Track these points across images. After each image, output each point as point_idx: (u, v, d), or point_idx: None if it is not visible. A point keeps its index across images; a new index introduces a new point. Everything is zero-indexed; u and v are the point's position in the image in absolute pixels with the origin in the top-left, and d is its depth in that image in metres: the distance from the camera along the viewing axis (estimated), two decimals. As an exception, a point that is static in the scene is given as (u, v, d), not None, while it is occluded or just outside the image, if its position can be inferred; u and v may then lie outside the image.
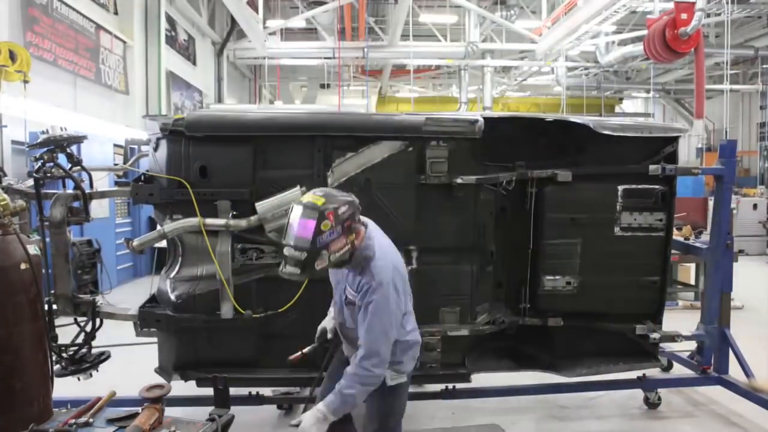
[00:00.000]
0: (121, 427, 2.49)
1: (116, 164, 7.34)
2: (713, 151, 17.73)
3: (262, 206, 3.44)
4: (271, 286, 3.61)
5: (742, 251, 11.26)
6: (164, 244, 3.73)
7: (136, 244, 3.50)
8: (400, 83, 21.00)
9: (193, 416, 2.73)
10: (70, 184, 3.51)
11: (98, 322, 3.58)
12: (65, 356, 3.43)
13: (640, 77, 21.56)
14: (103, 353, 3.58)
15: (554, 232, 3.80)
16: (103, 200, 7.69)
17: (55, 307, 3.41)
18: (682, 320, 4.70)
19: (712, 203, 5.17)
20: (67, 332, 3.49)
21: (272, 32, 15.02)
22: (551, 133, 3.89)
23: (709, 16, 12.98)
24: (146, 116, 3.85)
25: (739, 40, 16.53)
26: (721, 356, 4.26)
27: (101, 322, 3.61)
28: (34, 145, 3.46)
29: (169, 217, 3.56)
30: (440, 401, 3.91)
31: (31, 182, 3.38)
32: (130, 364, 4.52)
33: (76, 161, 3.56)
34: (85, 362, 3.47)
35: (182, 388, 3.71)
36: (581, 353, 3.98)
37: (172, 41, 13.28)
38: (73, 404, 2.81)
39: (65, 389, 3.43)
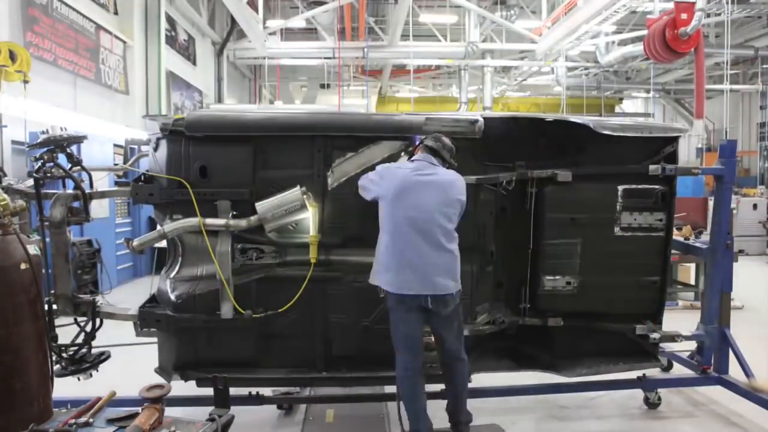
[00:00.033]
0: (121, 427, 2.50)
1: (116, 164, 7.34)
2: (713, 151, 17.74)
3: (262, 206, 3.44)
4: (271, 286, 3.61)
5: (742, 251, 11.27)
6: (164, 244, 3.73)
7: (136, 244, 3.51)
8: (400, 83, 21.00)
9: (193, 416, 2.73)
10: (70, 184, 3.51)
11: (98, 322, 3.58)
12: (65, 356, 3.43)
13: (640, 77, 21.56)
14: (103, 353, 3.58)
15: (554, 232, 3.80)
16: (103, 200, 7.69)
17: (55, 307, 3.42)
18: (682, 320, 4.69)
19: (712, 203, 5.17)
20: (67, 332, 3.49)
21: (272, 32, 15.02)
22: (551, 133, 3.88)
23: (709, 16, 12.99)
24: (146, 116, 3.85)
25: (739, 40, 16.54)
26: (721, 356, 4.26)
27: (101, 322, 3.61)
28: (34, 145, 3.47)
29: (169, 217, 3.56)
30: (440, 401, 3.90)
31: (31, 182, 3.38)
32: (130, 364, 4.52)
33: (76, 161, 3.56)
34: (85, 362, 3.47)
35: (182, 388, 3.71)
36: (581, 353, 3.98)
37: (172, 41, 13.28)
38: (73, 404, 2.82)
39: (65, 389, 3.43)
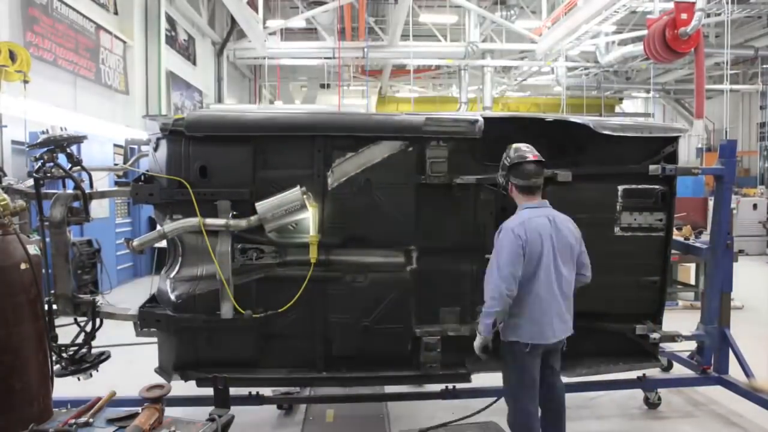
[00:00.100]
0: (121, 427, 2.49)
1: (116, 164, 7.34)
2: (713, 151, 17.74)
3: (262, 206, 3.43)
4: (271, 286, 3.61)
5: (742, 251, 11.27)
6: (164, 244, 3.73)
7: (136, 244, 3.50)
8: (400, 83, 21.00)
9: (193, 416, 2.73)
10: (70, 184, 3.51)
11: (98, 322, 3.58)
12: (65, 356, 3.43)
13: (640, 77, 21.57)
14: (103, 353, 3.58)
15: (554, 232, 3.79)
16: (103, 200, 7.69)
17: (55, 307, 3.42)
18: (682, 320, 4.70)
19: (712, 203, 5.17)
20: (67, 332, 3.49)
21: (272, 32, 15.02)
22: (551, 133, 3.88)
23: (709, 16, 12.99)
24: (146, 116, 3.85)
25: (739, 40, 16.54)
26: (721, 356, 4.26)
27: (101, 322, 3.61)
28: (34, 145, 3.47)
29: (169, 217, 3.56)
30: (440, 401, 3.90)
31: (31, 182, 3.38)
32: (130, 364, 4.52)
33: (76, 161, 3.56)
34: (85, 362, 3.47)
35: (182, 388, 3.71)
36: (581, 353, 3.97)
37: (172, 41, 13.28)
38: (73, 404, 2.82)
39: (65, 389, 3.43)
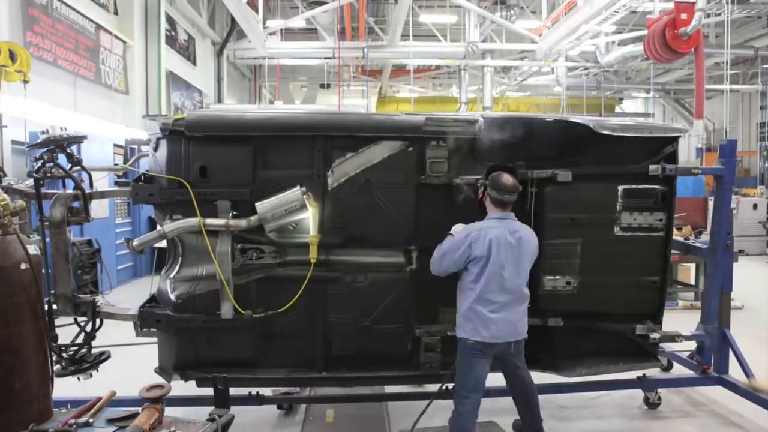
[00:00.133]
0: (121, 427, 2.50)
1: (116, 164, 7.34)
2: (713, 151, 17.72)
3: (262, 206, 3.43)
4: (271, 286, 3.61)
5: (742, 251, 11.28)
6: (164, 244, 3.73)
7: (136, 244, 3.51)
8: (400, 83, 21.00)
9: (193, 416, 2.73)
10: (70, 184, 3.52)
11: (98, 322, 3.58)
12: (65, 356, 3.43)
13: (640, 77, 21.57)
14: (103, 353, 3.58)
15: (554, 232, 3.79)
16: (103, 200, 7.69)
17: (55, 307, 3.42)
18: (682, 320, 4.70)
19: (712, 203, 5.17)
20: (67, 332, 3.49)
21: (272, 32, 15.01)
22: (551, 133, 3.88)
23: (709, 16, 12.98)
24: (146, 116, 3.85)
25: (739, 40, 16.54)
26: (721, 356, 4.26)
27: (101, 322, 3.61)
28: (34, 145, 3.47)
29: (169, 217, 3.56)
30: (440, 401, 3.90)
31: (31, 182, 3.38)
32: (130, 364, 4.53)
33: (76, 161, 3.57)
34: (85, 362, 3.47)
35: (182, 388, 3.71)
36: (581, 353, 3.98)
37: (172, 41, 13.28)
38: (73, 404, 2.82)
39: (65, 389, 3.43)
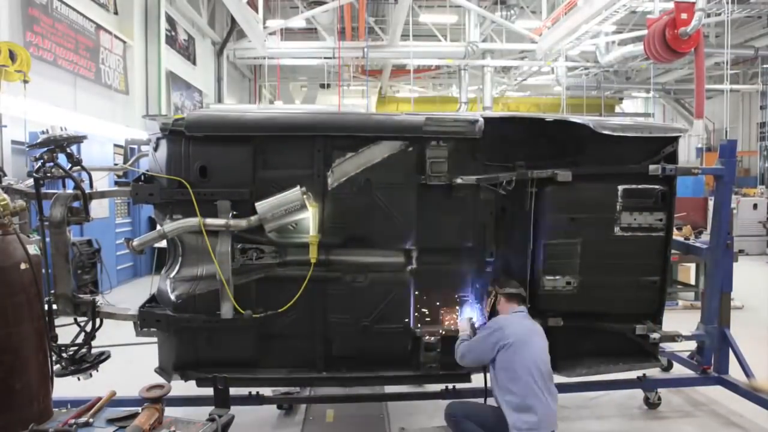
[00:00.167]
0: (121, 427, 2.49)
1: (116, 164, 7.34)
2: (713, 151, 17.73)
3: (262, 206, 3.43)
4: (271, 286, 3.61)
5: (742, 251, 11.27)
6: (164, 244, 3.73)
7: (136, 244, 3.50)
8: (400, 83, 21.00)
9: (193, 416, 2.73)
10: (70, 184, 3.51)
11: (98, 322, 3.58)
12: (65, 356, 3.43)
13: (640, 77, 21.57)
14: (103, 353, 3.58)
15: (554, 232, 3.79)
16: (103, 200, 7.69)
17: (55, 307, 3.41)
18: (682, 320, 4.70)
19: (712, 203, 5.17)
20: (67, 332, 3.49)
21: (272, 32, 15.01)
22: (551, 133, 3.88)
23: (709, 16, 12.98)
24: (146, 116, 3.84)
25: (739, 40, 16.54)
26: (721, 356, 4.26)
27: (101, 322, 3.61)
28: (34, 145, 3.47)
29: (169, 217, 3.56)
30: (440, 401, 3.90)
31: (31, 182, 3.38)
32: (130, 364, 4.53)
33: (76, 161, 3.56)
34: (85, 362, 3.47)
35: (182, 388, 3.71)
36: (581, 353, 3.97)
37: (172, 41, 13.28)
38: (73, 404, 2.82)
39: (65, 389, 3.43)
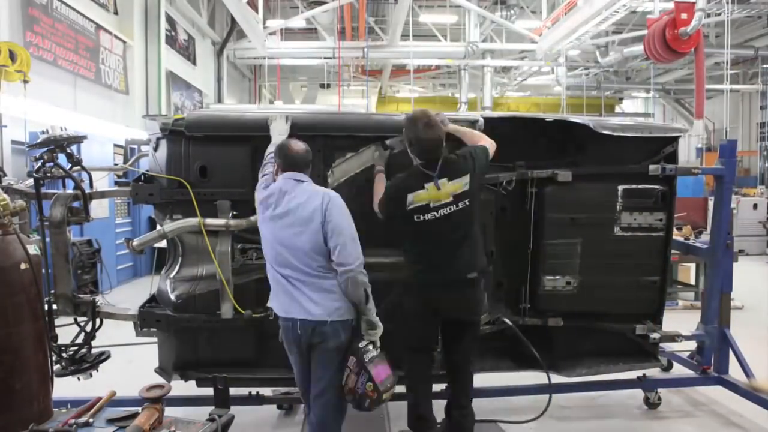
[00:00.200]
0: (121, 427, 2.49)
1: (116, 164, 7.34)
2: (713, 151, 17.74)
3: (262, 206, 3.43)
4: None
5: (742, 251, 11.26)
6: (164, 244, 3.73)
7: (136, 244, 3.50)
8: (400, 83, 20.99)
9: (193, 416, 2.73)
10: (70, 184, 3.51)
11: (98, 322, 3.58)
12: (65, 356, 3.42)
13: (640, 77, 21.57)
14: (103, 353, 3.58)
15: (554, 232, 3.79)
16: (103, 200, 7.69)
17: (55, 307, 3.41)
18: (682, 320, 4.70)
19: (712, 203, 5.17)
20: (67, 332, 3.49)
21: (272, 32, 15.01)
22: (551, 133, 3.88)
23: (709, 16, 12.97)
24: (146, 116, 3.85)
25: (739, 40, 16.54)
26: (721, 356, 4.26)
27: (101, 322, 3.61)
28: (34, 145, 3.46)
29: (169, 217, 3.56)
30: (440, 401, 3.89)
31: (31, 182, 3.38)
32: (130, 364, 4.53)
33: (76, 161, 3.56)
34: (85, 362, 3.47)
35: (182, 388, 3.71)
36: (581, 353, 3.98)
37: (172, 41, 13.28)
38: (73, 404, 2.82)
39: (65, 389, 3.43)
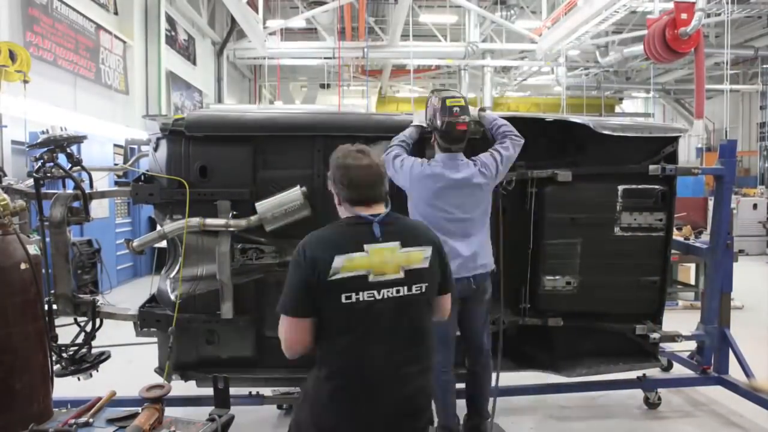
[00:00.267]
0: (121, 427, 2.49)
1: (116, 164, 7.34)
2: (713, 151, 17.73)
3: (262, 206, 3.43)
4: (271, 286, 3.61)
5: (742, 251, 11.26)
6: (164, 244, 3.72)
7: (136, 244, 3.50)
8: (400, 83, 20.99)
9: (193, 416, 2.73)
10: (70, 184, 3.51)
11: (98, 322, 3.58)
12: (65, 356, 3.42)
13: (640, 77, 21.57)
14: (103, 353, 3.58)
15: (554, 232, 3.79)
16: (103, 200, 7.69)
17: (55, 307, 3.41)
18: (682, 320, 4.69)
19: (712, 203, 5.17)
20: (67, 332, 3.49)
21: (272, 32, 15.00)
22: (551, 133, 3.88)
23: (709, 16, 12.97)
24: (146, 116, 3.85)
25: (739, 40, 16.54)
26: (721, 356, 4.26)
27: (101, 322, 3.61)
28: (34, 145, 3.47)
29: (169, 217, 3.56)
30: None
31: (31, 182, 3.38)
32: (130, 364, 4.52)
33: (76, 161, 3.56)
34: (85, 362, 3.47)
35: (182, 388, 3.71)
36: (581, 353, 3.97)
37: (172, 41, 13.28)
38: (73, 404, 2.81)
39: (65, 389, 3.43)
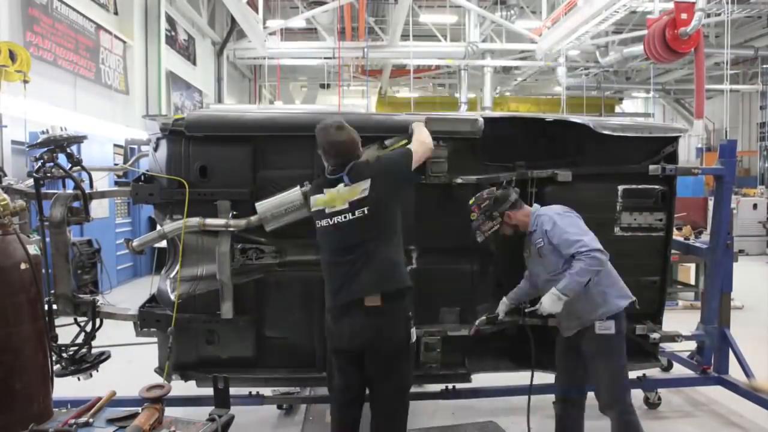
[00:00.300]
0: (121, 427, 2.49)
1: (116, 164, 7.34)
2: (713, 151, 17.74)
3: (262, 206, 3.43)
4: (271, 285, 3.61)
5: (742, 251, 11.26)
6: (164, 244, 3.72)
7: (135, 244, 3.50)
8: (400, 83, 20.99)
9: (193, 416, 2.73)
10: (70, 184, 3.51)
11: (98, 322, 3.58)
12: (65, 356, 3.42)
13: (640, 77, 21.57)
14: (103, 353, 3.58)
15: (554, 231, 3.79)
16: (103, 200, 7.69)
17: (55, 307, 3.41)
18: (682, 320, 4.69)
19: (712, 203, 5.17)
20: (67, 332, 3.49)
21: (272, 32, 15.01)
22: (551, 133, 3.88)
23: (709, 16, 12.97)
24: (146, 116, 3.85)
25: (739, 40, 16.55)
26: (721, 356, 4.26)
27: (101, 322, 3.61)
28: (34, 145, 3.47)
29: (169, 217, 3.56)
30: (440, 401, 3.91)
31: (31, 182, 3.38)
32: (130, 364, 4.52)
33: (76, 161, 3.56)
34: (85, 362, 3.47)
35: (182, 388, 3.71)
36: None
37: (172, 41, 13.28)
38: (73, 404, 2.81)
39: (65, 389, 3.43)
